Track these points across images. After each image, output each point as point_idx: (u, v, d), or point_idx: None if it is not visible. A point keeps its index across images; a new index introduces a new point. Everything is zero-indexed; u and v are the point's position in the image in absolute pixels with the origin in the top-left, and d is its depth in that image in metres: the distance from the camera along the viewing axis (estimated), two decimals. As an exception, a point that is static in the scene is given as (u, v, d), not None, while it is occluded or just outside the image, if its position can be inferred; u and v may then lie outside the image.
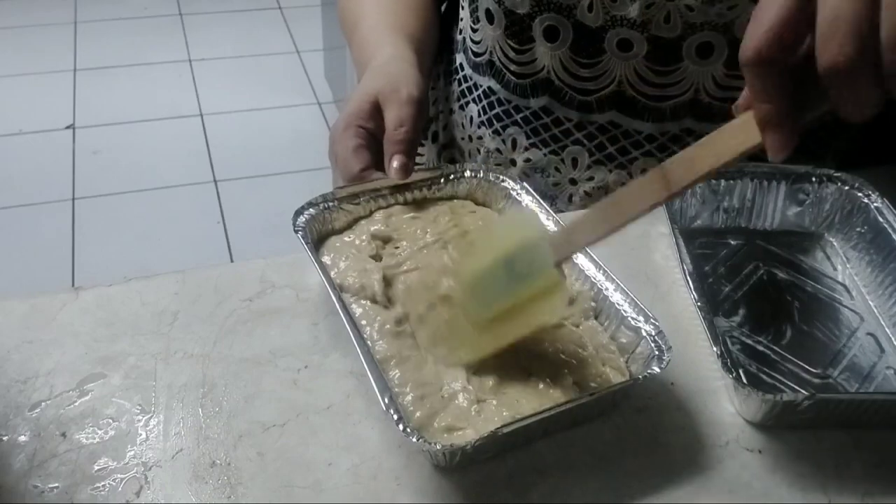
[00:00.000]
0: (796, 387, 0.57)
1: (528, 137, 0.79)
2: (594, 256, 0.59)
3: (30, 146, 2.50)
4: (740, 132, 0.46)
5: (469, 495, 0.50)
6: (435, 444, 0.48)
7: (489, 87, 0.80)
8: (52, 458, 0.51)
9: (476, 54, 0.80)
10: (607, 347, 0.56)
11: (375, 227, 0.63)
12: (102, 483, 0.50)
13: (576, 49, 0.73)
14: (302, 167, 2.42)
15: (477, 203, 0.68)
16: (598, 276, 0.59)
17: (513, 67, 0.77)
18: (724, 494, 0.50)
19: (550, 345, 0.55)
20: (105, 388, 0.55)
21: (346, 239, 0.63)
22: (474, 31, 0.80)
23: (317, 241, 0.62)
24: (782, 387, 0.57)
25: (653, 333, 0.54)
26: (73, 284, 1.16)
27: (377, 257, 0.62)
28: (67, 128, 2.57)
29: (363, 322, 0.56)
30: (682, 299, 0.63)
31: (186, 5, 3.24)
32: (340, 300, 0.55)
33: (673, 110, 0.74)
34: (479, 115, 0.82)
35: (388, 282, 0.59)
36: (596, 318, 0.59)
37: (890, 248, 0.64)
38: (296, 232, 0.60)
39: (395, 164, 0.64)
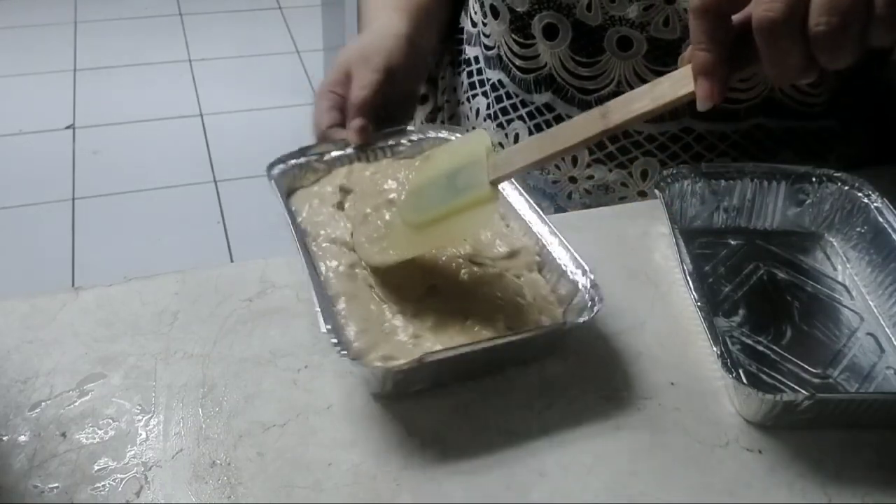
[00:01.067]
0: (796, 387, 0.57)
1: (530, 132, 0.80)
2: (539, 211, 0.63)
3: (30, 146, 2.50)
4: (678, 80, 0.50)
5: (470, 496, 0.50)
6: (369, 367, 0.53)
7: (499, 80, 0.81)
8: (52, 458, 0.51)
9: (487, 48, 0.82)
10: (546, 298, 0.59)
11: (339, 181, 0.68)
12: (102, 483, 0.50)
13: (575, 47, 0.73)
14: (302, 167, 2.41)
15: None
16: (543, 231, 0.62)
17: (518, 62, 0.78)
18: (724, 494, 0.50)
19: (490, 292, 0.59)
20: (105, 388, 0.55)
21: (313, 189, 0.68)
22: (484, 24, 0.81)
23: (287, 194, 0.68)
24: (782, 387, 0.57)
25: (588, 286, 0.57)
26: (72, 284, 1.16)
27: (340, 205, 0.66)
28: (67, 128, 2.57)
29: (320, 263, 0.60)
30: (682, 299, 0.63)
31: (186, 5, 3.24)
32: (302, 241, 0.61)
33: (672, 111, 0.74)
34: (487, 108, 0.83)
35: (349, 228, 0.63)
36: (539, 271, 0.61)
37: (890, 248, 0.64)
38: (270, 180, 0.66)
39: (353, 125, 0.69)
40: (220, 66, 2.91)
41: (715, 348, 0.54)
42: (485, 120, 0.83)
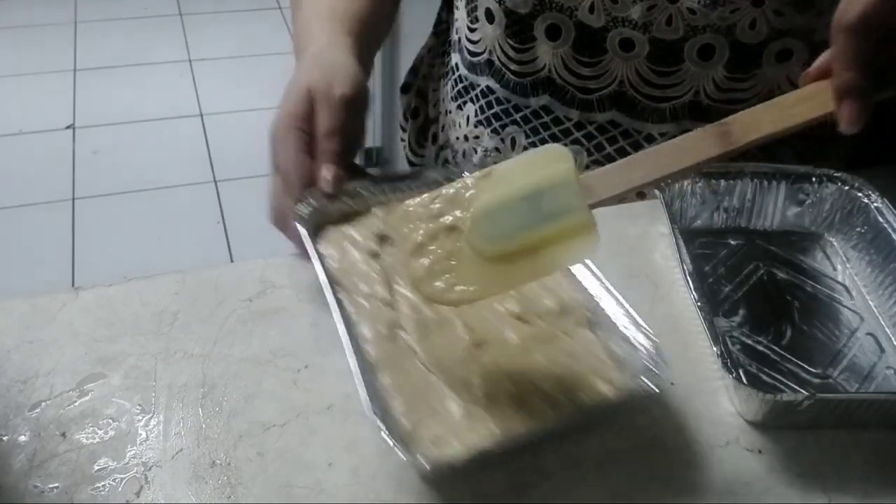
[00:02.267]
0: (796, 387, 0.57)
1: (527, 136, 0.79)
2: (590, 264, 0.58)
3: (30, 146, 2.50)
4: (810, 100, 0.46)
5: (470, 496, 0.50)
6: (420, 457, 0.47)
7: (487, 87, 0.80)
8: (52, 458, 0.51)
9: (473, 54, 0.80)
10: (600, 358, 0.54)
11: (376, 225, 0.62)
12: (102, 483, 0.50)
13: (578, 48, 0.73)
14: (302, 167, 2.41)
15: None
16: (594, 285, 0.57)
17: (513, 67, 0.77)
18: (724, 494, 0.50)
19: (540, 353, 0.54)
20: (105, 388, 0.55)
21: (345, 229, 0.62)
22: (472, 30, 0.79)
23: (315, 230, 0.61)
24: (782, 387, 0.57)
25: (648, 346, 0.53)
26: (72, 284, 1.16)
27: (375, 254, 0.61)
28: (67, 128, 2.57)
29: (357, 321, 0.55)
30: (682, 299, 0.63)
31: (186, 5, 3.24)
32: (335, 295, 0.55)
33: (672, 111, 0.74)
34: (477, 115, 0.82)
35: (386, 280, 0.58)
36: (591, 328, 0.56)
37: (890, 249, 0.64)
38: (296, 220, 0.60)
39: (325, 175, 0.62)
40: (220, 66, 2.91)
41: (715, 348, 0.54)
42: (475, 126, 0.82)
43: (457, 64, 0.84)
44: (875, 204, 0.66)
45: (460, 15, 0.82)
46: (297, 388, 0.56)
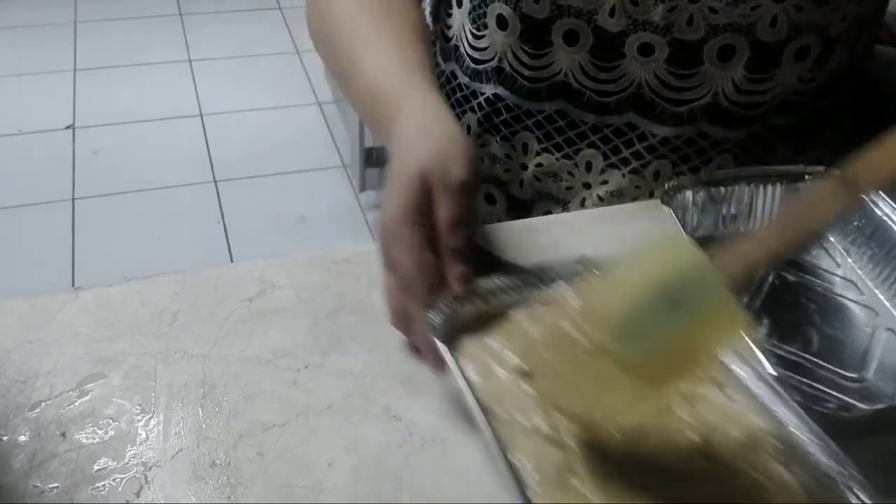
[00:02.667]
0: (836, 394, 0.56)
1: (539, 142, 0.78)
2: (767, 373, 0.51)
3: (30, 146, 2.50)
4: None
5: (470, 495, 0.50)
6: None
7: (494, 94, 0.78)
8: (52, 458, 0.51)
9: (478, 61, 0.78)
10: (795, 496, 0.46)
11: (517, 336, 0.53)
12: (102, 483, 0.50)
13: (595, 53, 0.71)
14: (302, 167, 2.42)
15: None
16: (779, 406, 0.49)
17: (526, 72, 0.75)
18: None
19: (727, 495, 0.47)
20: (105, 388, 0.55)
21: (489, 344, 0.53)
22: (477, 37, 0.77)
23: (448, 337, 0.52)
24: (825, 396, 0.56)
25: (851, 483, 0.45)
26: (72, 284, 1.16)
27: (527, 374, 0.51)
28: (67, 128, 2.57)
29: (518, 463, 0.47)
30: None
31: (186, 5, 3.24)
32: (494, 431, 0.47)
33: (690, 114, 0.73)
34: (481, 124, 0.80)
35: (545, 410, 0.50)
36: (782, 462, 0.48)
37: (892, 241, 0.64)
38: (431, 332, 0.51)
39: (455, 275, 0.54)
40: (219, 66, 2.91)
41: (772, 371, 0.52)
42: (479, 136, 0.81)
43: (453, 73, 0.82)
44: (871, 197, 0.66)
45: (457, 23, 0.80)
46: (297, 388, 0.56)
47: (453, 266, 0.54)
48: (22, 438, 0.52)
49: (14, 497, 0.49)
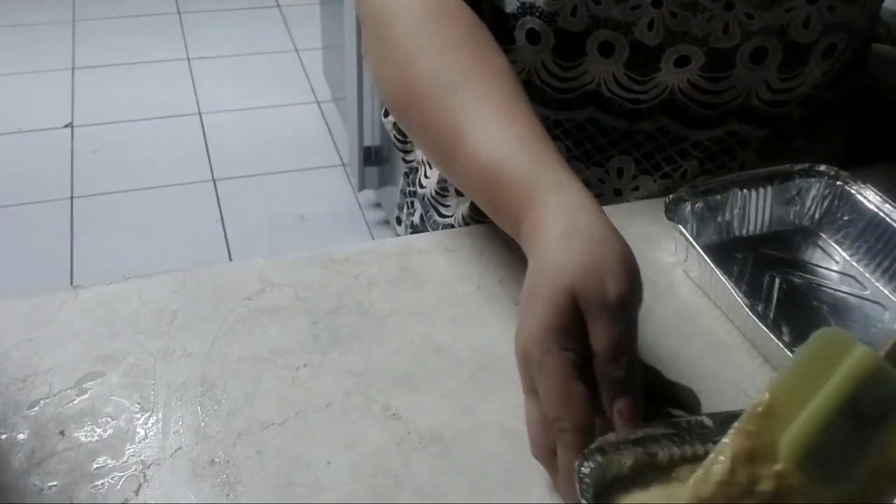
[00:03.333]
0: None
1: (569, 151, 0.75)
2: None
3: (28, 145, 2.49)
4: None
5: (470, 495, 0.50)
6: None
7: None
8: (51, 456, 0.51)
9: None
10: None
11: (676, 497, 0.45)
12: (101, 481, 0.50)
13: (630, 66, 0.70)
14: (301, 166, 2.41)
15: None
16: None
17: (556, 83, 0.72)
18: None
19: None
20: (104, 387, 0.55)
21: (641, 498, 0.45)
22: (506, 51, 0.73)
23: (598, 491, 0.44)
24: None
25: None
26: (71, 283, 1.16)
27: None
28: (66, 126, 2.57)
29: None
30: (686, 299, 0.63)
31: (185, 4, 3.24)
32: None
33: (721, 116, 0.72)
34: None
35: None
36: None
37: (889, 233, 0.64)
38: (578, 483, 0.44)
39: (619, 408, 0.46)
40: (218, 65, 2.91)
41: None
42: None
43: None
44: (861, 191, 0.66)
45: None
46: (296, 386, 0.56)
47: (617, 399, 0.46)
48: (21, 436, 0.52)
49: (13, 495, 0.49)
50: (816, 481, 0.38)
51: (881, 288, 0.64)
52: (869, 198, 0.66)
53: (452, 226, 0.82)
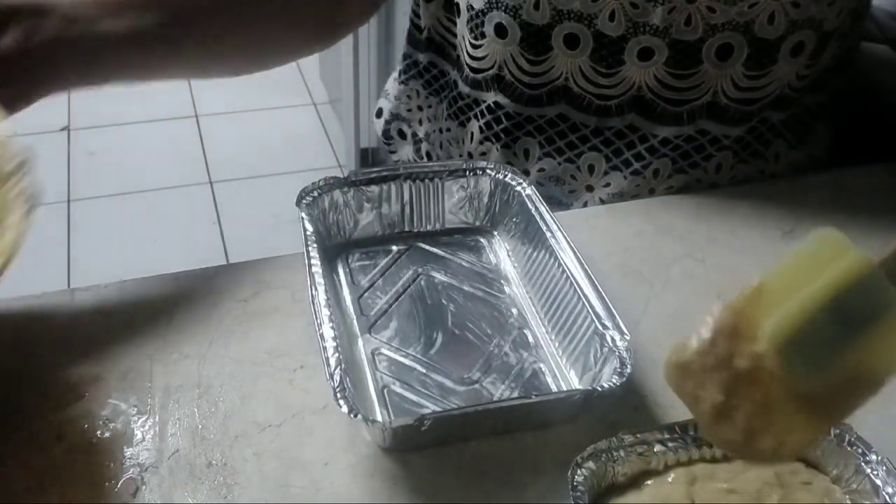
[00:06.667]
0: (441, 399, 0.55)
1: (542, 147, 0.77)
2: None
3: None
4: None
5: (468, 495, 0.50)
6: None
7: (495, 102, 0.77)
8: (48, 460, 0.51)
9: (477, 70, 0.77)
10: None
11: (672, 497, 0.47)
12: (99, 484, 0.49)
13: (595, 58, 0.71)
14: (297, 168, 2.41)
15: (809, 465, 0.50)
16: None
17: (526, 79, 0.74)
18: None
19: None
20: (101, 390, 0.55)
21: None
22: (475, 47, 0.76)
23: (594, 498, 0.46)
24: (428, 402, 0.55)
25: None
26: (68, 285, 1.16)
27: None
28: (62, 129, 2.57)
29: None
30: (679, 298, 0.63)
31: (181, 6, 3.24)
32: None
33: (689, 113, 0.73)
34: (482, 131, 0.79)
35: None
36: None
37: (538, 237, 0.62)
38: (574, 490, 0.45)
39: None
40: (215, 67, 2.91)
41: (332, 381, 0.49)
42: (480, 143, 0.80)
43: (455, 81, 0.81)
44: (526, 192, 0.65)
45: (458, 33, 0.79)
46: (292, 388, 0.56)
47: None
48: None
49: (10, 499, 0.49)
50: (791, 370, 0.39)
51: (523, 292, 0.63)
52: (532, 198, 0.64)
53: None
